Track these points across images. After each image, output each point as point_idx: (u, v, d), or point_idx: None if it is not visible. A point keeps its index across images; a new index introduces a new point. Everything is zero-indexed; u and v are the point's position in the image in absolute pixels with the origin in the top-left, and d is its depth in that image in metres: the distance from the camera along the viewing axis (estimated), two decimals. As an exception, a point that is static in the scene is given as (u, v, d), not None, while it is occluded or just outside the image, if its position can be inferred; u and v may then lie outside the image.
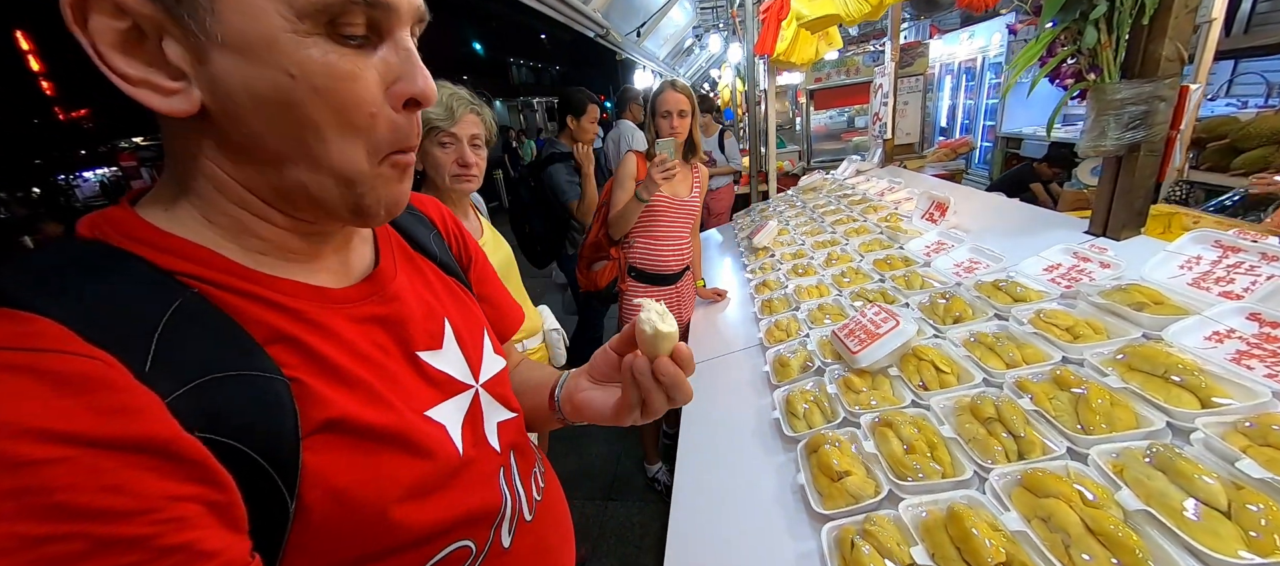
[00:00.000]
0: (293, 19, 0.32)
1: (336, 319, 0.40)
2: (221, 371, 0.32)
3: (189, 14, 0.31)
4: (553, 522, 0.59)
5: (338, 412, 0.37)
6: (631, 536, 2.00)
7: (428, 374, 0.46)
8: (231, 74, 0.32)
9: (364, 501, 0.37)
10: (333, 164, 0.36)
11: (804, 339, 1.38)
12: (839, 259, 1.81)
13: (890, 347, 1.10)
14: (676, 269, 1.87)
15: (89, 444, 0.26)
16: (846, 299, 1.50)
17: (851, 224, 2.08)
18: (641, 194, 1.65)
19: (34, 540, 0.24)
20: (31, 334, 0.28)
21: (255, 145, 0.35)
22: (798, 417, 1.09)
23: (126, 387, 0.28)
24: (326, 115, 0.34)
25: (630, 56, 5.53)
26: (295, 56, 0.32)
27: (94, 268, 0.32)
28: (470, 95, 1.13)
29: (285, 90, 0.33)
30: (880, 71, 2.83)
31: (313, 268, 0.42)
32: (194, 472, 0.29)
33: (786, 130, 5.76)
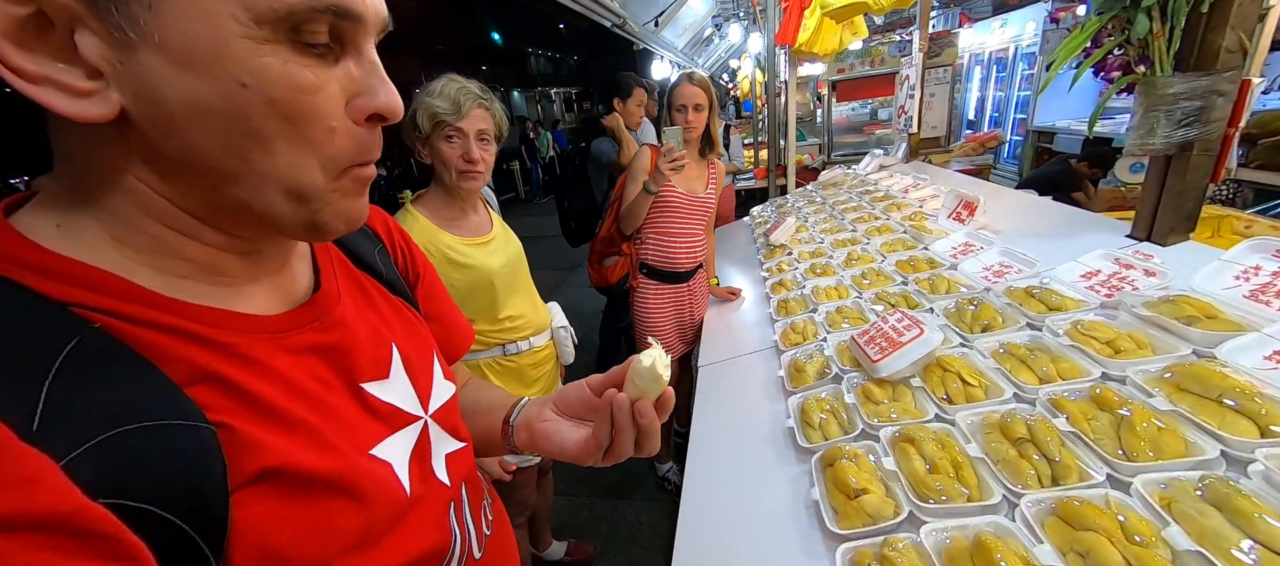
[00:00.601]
0: (249, 24, 0.28)
1: (271, 351, 0.36)
2: (132, 422, 0.27)
3: (117, 6, 0.26)
4: (501, 558, 0.56)
5: (274, 461, 0.32)
6: (641, 535, 1.99)
7: (373, 407, 0.42)
8: (166, 79, 0.28)
9: (303, 559, 0.33)
10: (283, 179, 0.32)
11: (821, 343, 1.33)
12: (860, 259, 1.75)
13: (913, 357, 1.04)
14: (688, 267, 1.82)
15: None
16: (867, 302, 1.44)
17: (874, 222, 2.01)
18: (650, 185, 1.61)
19: None
20: None
21: (190, 158, 0.31)
22: (813, 427, 1.04)
23: (12, 453, 0.23)
24: (279, 127, 0.31)
25: (648, 46, 5.45)
26: (249, 64, 0.29)
27: None
28: (480, 89, 1.10)
29: (235, 100, 0.29)
30: (907, 62, 2.72)
31: (244, 292, 0.37)
32: (103, 549, 0.24)
33: (807, 123, 5.63)
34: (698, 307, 1.90)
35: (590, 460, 0.50)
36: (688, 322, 1.89)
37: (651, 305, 1.84)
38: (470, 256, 1.15)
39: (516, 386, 1.29)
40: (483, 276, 1.16)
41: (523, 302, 1.28)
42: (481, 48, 24.64)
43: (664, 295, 1.83)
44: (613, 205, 1.85)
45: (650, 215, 1.72)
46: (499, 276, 1.19)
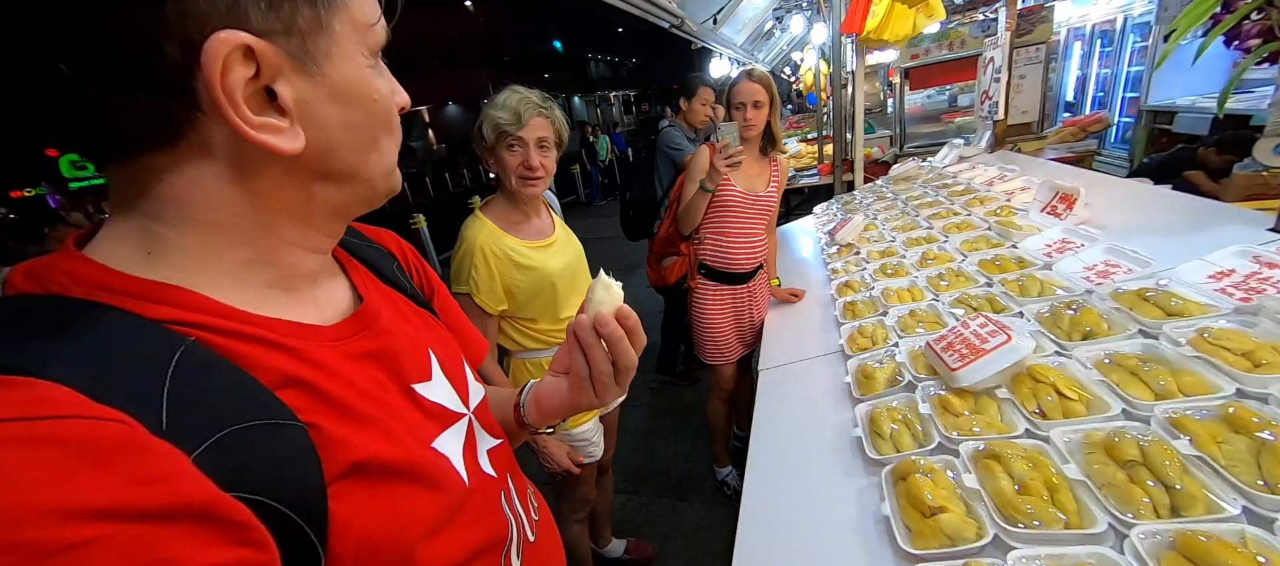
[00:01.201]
0: (369, 57, 0.38)
1: (335, 357, 0.39)
2: (239, 423, 0.30)
3: (312, 63, 0.34)
4: (551, 544, 0.59)
5: (360, 455, 0.35)
6: (700, 538, 1.97)
7: (424, 406, 0.45)
8: (329, 110, 0.36)
9: (389, 545, 0.36)
10: (385, 162, 0.41)
11: (892, 348, 1.25)
12: (936, 258, 1.63)
13: (998, 366, 0.95)
14: (748, 267, 1.78)
15: (129, 517, 0.23)
16: (945, 305, 1.34)
17: (952, 218, 1.86)
18: (706, 184, 1.58)
19: None
20: (39, 401, 0.25)
21: (336, 168, 0.38)
22: (883, 438, 0.99)
23: (156, 451, 0.26)
24: (386, 125, 0.40)
25: (707, 44, 5.40)
26: (372, 86, 0.38)
27: (74, 321, 0.29)
28: (540, 98, 1.14)
29: (371, 114, 0.39)
30: (991, 43, 2.50)
31: (303, 306, 0.41)
32: (240, 536, 0.27)
33: (876, 114, 5.33)
34: (758, 309, 1.85)
35: (585, 398, 0.53)
36: (748, 325, 1.85)
37: (710, 306, 1.81)
38: (533, 259, 1.19)
39: (577, 385, 1.33)
40: (544, 278, 1.20)
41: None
42: (544, 56, 25.54)
43: (723, 296, 1.80)
44: (671, 204, 1.84)
45: (708, 214, 1.70)
46: (560, 277, 1.22)
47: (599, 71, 29.84)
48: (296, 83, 0.34)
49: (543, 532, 0.58)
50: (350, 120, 0.37)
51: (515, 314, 1.22)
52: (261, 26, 0.31)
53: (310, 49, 0.34)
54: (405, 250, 0.62)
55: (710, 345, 1.86)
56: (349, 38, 0.36)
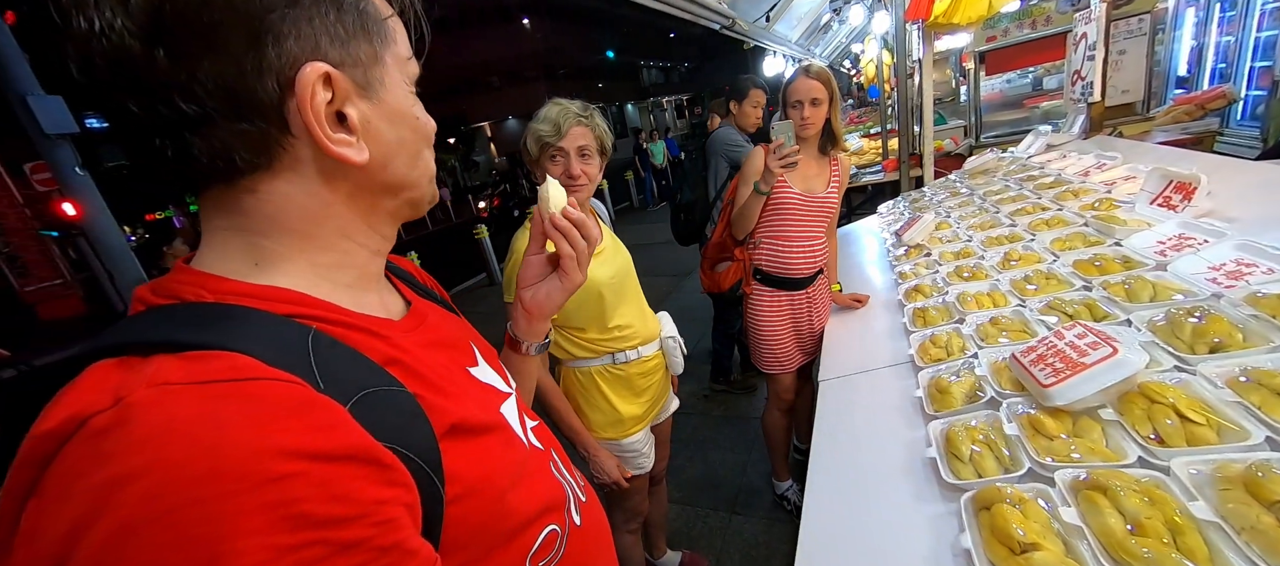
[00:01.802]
0: (409, 85, 0.45)
1: (411, 343, 0.45)
2: (368, 388, 0.36)
3: (370, 93, 0.41)
4: (598, 505, 0.64)
5: (456, 417, 0.41)
6: (758, 554, 1.89)
7: (481, 385, 0.52)
8: (383, 129, 0.42)
9: (487, 491, 0.42)
10: (429, 169, 0.47)
11: (970, 360, 1.14)
12: (1022, 259, 1.47)
13: (1101, 383, 0.84)
14: (807, 272, 1.69)
15: (315, 457, 0.29)
16: (1033, 312, 1.20)
17: (1040, 214, 1.68)
18: (760, 186, 1.52)
19: (286, 549, 0.27)
20: (237, 367, 0.31)
21: (390, 179, 0.44)
22: (962, 461, 0.89)
23: (325, 405, 0.31)
24: (427, 140, 0.46)
25: (760, 43, 5.27)
26: (415, 109, 0.45)
27: (228, 317, 0.35)
28: (580, 108, 1.15)
29: (417, 132, 0.45)
30: (1083, 17, 2.25)
31: (370, 302, 0.47)
32: (392, 477, 0.32)
33: (947, 103, 4.96)
34: (818, 316, 1.76)
35: (577, 276, 0.62)
36: (807, 332, 1.76)
37: (766, 313, 1.74)
38: (582, 268, 1.19)
39: (626, 395, 1.31)
40: (592, 287, 1.19)
41: (631, 312, 1.30)
42: (597, 67, 26.10)
43: (780, 303, 1.73)
44: (725, 207, 1.79)
45: (764, 218, 1.64)
46: (607, 286, 1.22)
47: (651, 78, 30.10)
48: (361, 105, 0.40)
49: (591, 497, 0.62)
50: (401, 136, 0.43)
51: (564, 323, 1.23)
52: (336, 59, 0.38)
53: (370, 77, 0.40)
54: (427, 277, 0.69)
55: (768, 354, 1.79)
56: (396, 68, 0.43)
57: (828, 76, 1.54)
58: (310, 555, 0.27)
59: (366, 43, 0.40)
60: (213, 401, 0.28)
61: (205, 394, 0.29)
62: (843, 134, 1.64)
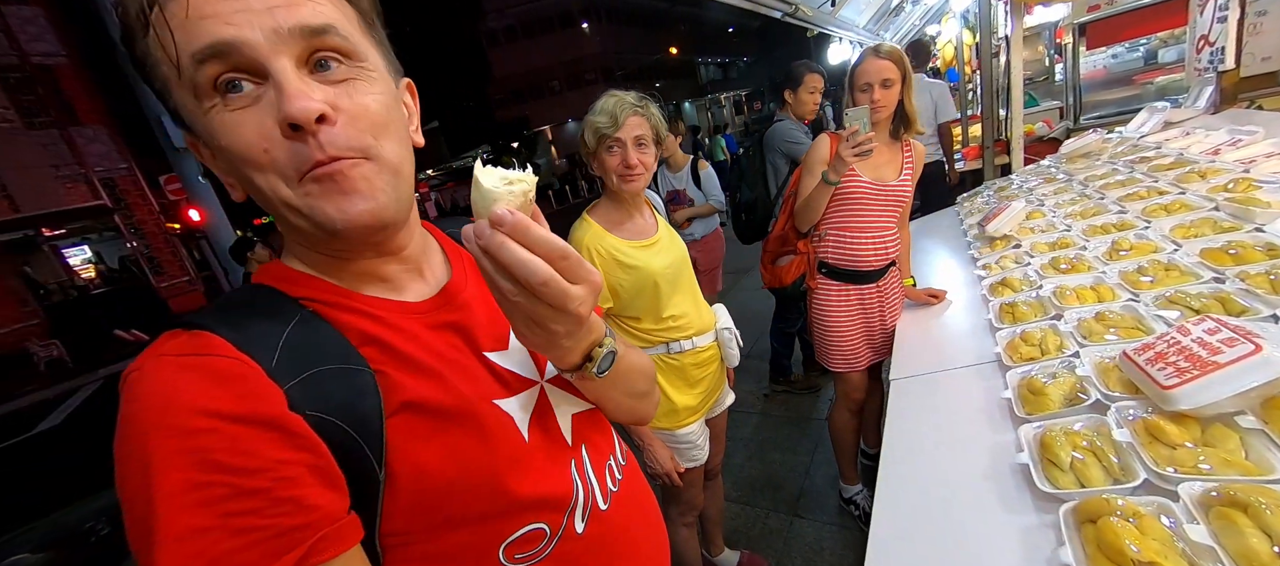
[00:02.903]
0: (197, 102, 0.39)
1: (417, 326, 0.48)
2: (326, 365, 0.41)
3: (198, 134, 0.41)
4: (634, 512, 0.60)
5: (410, 396, 0.44)
6: (821, 560, 1.81)
7: (496, 371, 0.52)
8: (213, 161, 0.42)
9: (441, 472, 0.44)
10: (273, 201, 0.41)
11: (1070, 359, 1.02)
12: (1134, 248, 1.30)
13: (1239, 386, 0.72)
14: (877, 265, 1.59)
15: (230, 419, 0.35)
16: (1149, 306, 1.06)
17: (1157, 199, 1.48)
18: (830, 175, 1.44)
19: (197, 484, 0.34)
20: (202, 346, 0.38)
21: (268, 206, 0.42)
22: (1061, 468, 0.80)
23: (255, 380, 0.38)
24: (241, 165, 0.40)
25: (825, 30, 5.04)
26: (208, 127, 0.39)
27: (248, 302, 0.45)
28: (635, 98, 1.15)
29: (221, 155, 0.41)
30: (1213, -26, 1.95)
31: (394, 286, 0.50)
32: (297, 442, 0.37)
33: (1039, 84, 4.50)
34: (890, 312, 1.65)
35: (523, 335, 0.44)
36: (877, 329, 1.66)
37: (833, 309, 1.65)
38: (636, 258, 1.19)
39: (680, 385, 1.30)
40: (647, 277, 1.19)
41: (686, 302, 1.28)
42: (655, 66, 26.15)
43: (848, 297, 1.63)
44: (787, 201, 1.72)
45: (831, 208, 1.56)
46: (662, 277, 1.21)
47: (710, 75, 29.80)
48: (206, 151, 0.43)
49: (622, 502, 0.58)
50: (221, 166, 0.42)
51: (619, 313, 1.23)
52: (179, 120, 0.41)
53: (185, 121, 0.41)
54: None
55: (834, 352, 1.69)
56: (182, 99, 0.39)
57: (899, 55, 1.43)
58: (215, 494, 0.34)
59: (167, 100, 0.41)
60: (176, 370, 0.36)
61: (176, 364, 0.37)
62: (917, 117, 1.51)
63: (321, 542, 0.36)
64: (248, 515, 0.34)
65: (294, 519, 0.35)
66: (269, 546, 0.34)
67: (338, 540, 0.37)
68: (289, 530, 0.35)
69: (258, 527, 0.34)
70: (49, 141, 10.22)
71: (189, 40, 0.36)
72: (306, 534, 0.35)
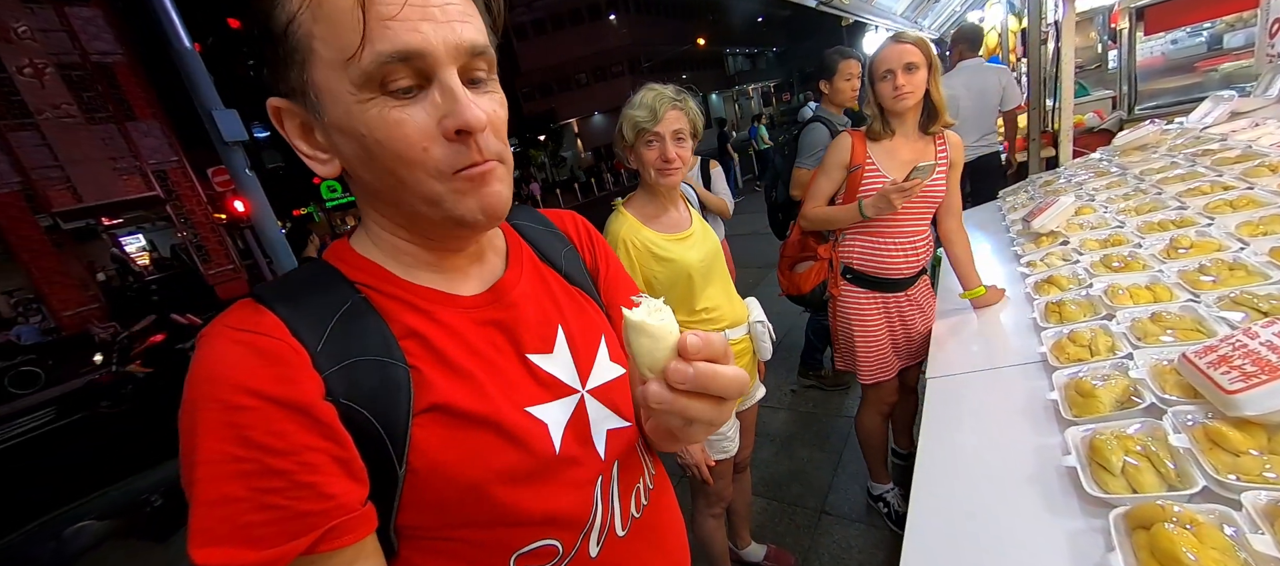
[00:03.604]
0: (355, 91, 0.40)
1: (463, 321, 0.49)
2: (365, 356, 0.43)
3: (314, 112, 0.42)
4: (653, 541, 0.58)
5: (440, 398, 0.44)
6: (849, 558, 1.79)
7: (536, 374, 0.51)
8: (340, 142, 0.43)
9: (461, 476, 0.45)
10: (414, 193, 0.43)
11: (1122, 360, 0.98)
12: (1194, 246, 1.23)
13: (1316, 391, 0.68)
14: (908, 273, 1.51)
15: (266, 399, 0.38)
16: (1209, 307, 1.01)
17: (1222, 194, 1.40)
18: (867, 209, 1.38)
19: (234, 457, 0.36)
20: (259, 323, 0.41)
21: (371, 189, 0.46)
22: (1111, 473, 0.77)
23: (298, 364, 0.40)
24: (392, 159, 0.41)
25: (859, 18, 4.89)
26: (365, 120, 0.40)
27: (312, 281, 0.47)
28: (674, 92, 1.15)
29: (365, 146, 0.42)
30: (1291, -48, 1.82)
31: (453, 277, 0.51)
32: (323, 432, 0.39)
33: (1091, 73, 4.28)
34: (922, 318, 1.57)
35: (679, 444, 0.49)
36: (909, 336, 1.58)
37: (858, 317, 1.56)
38: (670, 250, 1.20)
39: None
40: (681, 269, 1.20)
41: (719, 295, 1.28)
42: (682, 57, 25.91)
43: (875, 306, 1.55)
44: (805, 201, 1.61)
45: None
46: (696, 269, 1.21)
47: (737, 66, 29.36)
48: (317, 125, 0.43)
49: (643, 530, 0.57)
50: (356, 152, 0.42)
51: (654, 305, 1.25)
52: (284, 91, 0.43)
53: (309, 100, 0.42)
54: (581, 232, 0.66)
55: (863, 363, 1.60)
56: (332, 81, 0.40)
57: (924, 43, 1.35)
58: (245, 467, 0.36)
59: (289, 69, 0.41)
60: (229, 344, 0.39)
61: (231, 337, 0.40)
62: (945, 107, 1.41)
63: (334, 531, 0.38)
64: (274, 493, 0.37)
65: (311, 505, 0.38)
66: (288, 526, 0.37)
67: (350, 530, 0.39)
68: (306, 515, 0.38)
69: (281, 507, 0.37)
70: (107, 135, 10.84)
71: (377, 39, 0.38)
72: (320, 521, 0.38)
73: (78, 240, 11.84)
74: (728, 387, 0.38)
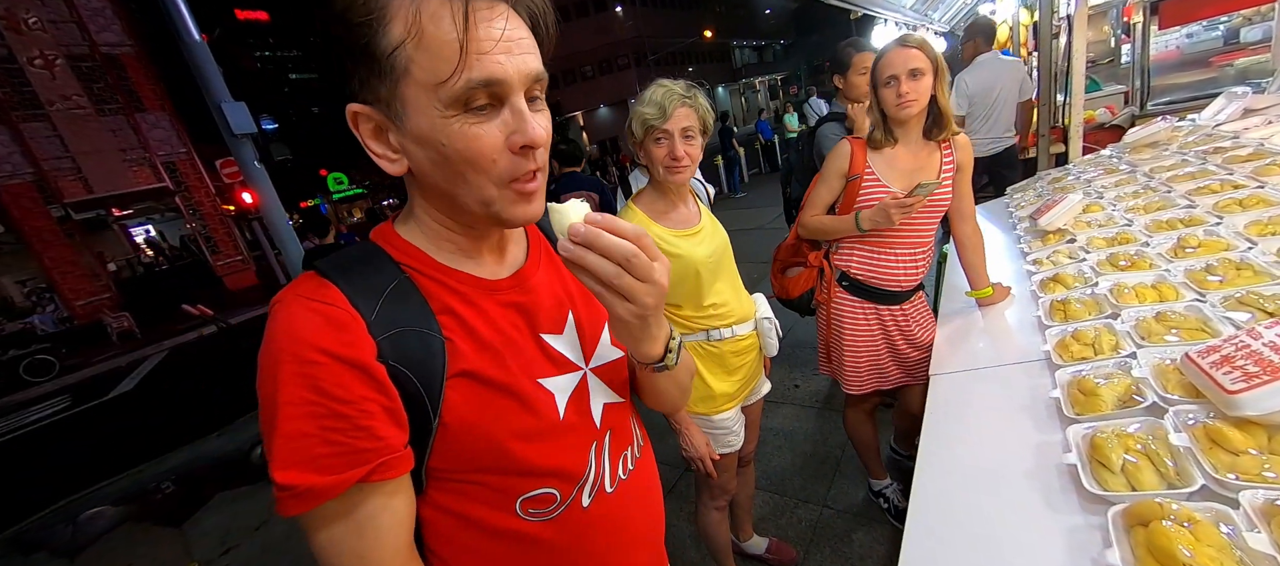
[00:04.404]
0: (441, 108, 0.47)
1: (488, 301, 0.57)
2: (408, 326, 0.51)
3: (396, 119, 0.49)
4: (635, 500, 0.67)
5: (468, 366, 0.52)
6: (849, 553, 1.81)
7: (548, 352, 0.59)
8: (416, 149, 0.50)
9: (483, 432, 0.53)
10: (474, 194, 0.51)
11: (1125, 359, 0.98)
12: (1202, 245, 1.23)
13: (1317, 392, 0.68)
14: (907, 285, 1.47)
15: (333, 357, 0.46)
16: (1214, 307, 1.01)
17: (1232, 193, 1.39)
18: (864, 222, 1.35)
19: (308, 401, 0.45)
20: (326, 294, 0.49)
21: (433, 187, 0.52)
22: (1111, 470, 0.78)
23: (357, 331, 0.48)
24: (464, 165, 0.49)
25: (868, 11, 4.85)
26: (447, 133, 0.47)
27: (365, 259, 0.54)
28: (684, 88, 1.15)
29: (442, 154, 0.49)
30: (1310, -55, 1.79)
31: (481, 262, 0.58)
32: (377, 386, 0.47)
33: (1103, 67, 4.22)
34: (921, 330, 1.53)
35: (619, 324, 0.53)
36: (907, 352, 1.54)
37: (851, 326, 1.52)
38: (679, 246, 1.21)
39: (718, 372, 1.32)
40: (690, 265, 1.21)
41: (727, 291, 1.29)
42: (687, 50, 25.71)
43: (869, 317, 1.51)
44: (803, 208, 1.58)
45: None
46: (704, 265, 1.22)
47: (744, 58, 29.10)
48: (393, 131, 0.50)
49: (627, 490, 0.65)
50: (431, 158, 0.49)
51: (661, 300, 1.26)
52: (364, 98, 0.49)
53: (393, 110, 0.48)
54: None
55: (848, 373, 1.57)
56: (421, 98, 0.47)
57: (928, 45, 1.30)
58: (318, 409, 0.45)
59: (382, 84, 0.47)
60: (304, 310, 0.47)
61: (305, 306, 0.47)
62: (953, 114, 1.36)
63: (382, 467, 0.47)
64: (337, 432, 0.45)
65: (367, 443, 0.46)
66: (348, 458, 0.46)
67: (395, 466, 0.48)
68: (362, 451, 0.46)
69: (342, 443, 0.46)
70: (117, 127, 10.94)
71: (470, 68, 0.46)
72: (372, 457, 0.47)
73: (89, 230, 11.98)
74: (610, 248, 0.46)
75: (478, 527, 0.56)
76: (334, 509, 0.47)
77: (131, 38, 11.11)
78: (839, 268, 1.53)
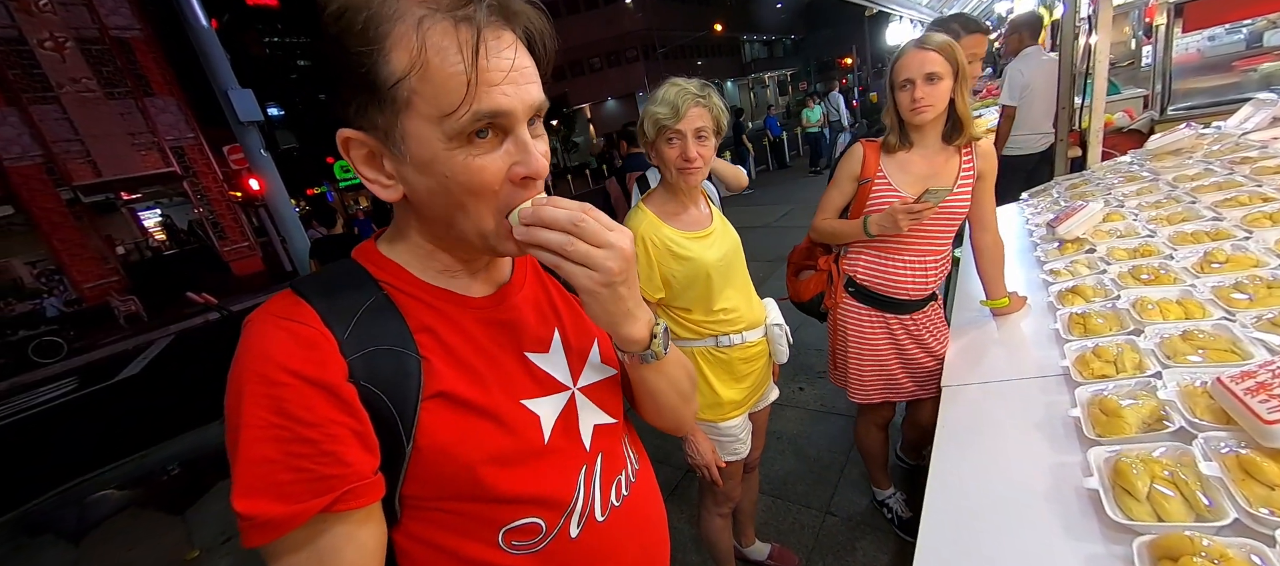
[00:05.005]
0: (445, 141, 0.46)
1: (470, 319, 0.55)
2: (383, 345, 0.49)
3: (394, 147, 0.47)
4: (631, 529, 0.63)
5: (446, 386, 0.50)
6: (852, 562, 1.79)
7: (532, 371, 0.58)
8: (413, 178, 0.48)
9: (458, 456, 0.51)
10: (472, 224, 0.50)
11: (1151, 380, 0.95)
12: (1230, 261, 1.19)
13: (1361, 425, 0.65)
14: (917, 295, 1.42)
15: (301, 378, 0.44)
16: (1246, 327, 0.97)
17: (1261, 206, 1.35)
18: (872, 227, 1.32)
19: (273, 424, 0.43)
20: (299, 313, 0.47)
21: (431, 214, 0.51)
22: (1136, 499, 0.75)
23: (328, 351, 0.46)
24: (465, 195, 0.48)
25: (883, 8, 4.77)
26: (449, 164, 0.46)
27: (344, 278, 0.53)
28: (697, 87, 1.11)
29: (443, 184, 0.47)
30: (1348, -52, 1.72)
31: (466, 281, 0.57)
32: (346, 409, 0.45)
33: (1123, 69, 4.14)
34: (933, 341, 1.49)
35: (585, 295, 0.51)
36: (917, 364, 1.50)
37: (857, 334, 1.48)
38: (689, 249, 1.18)
39: (727, 379, 1.29)
40: (700, 268, 1.18)
41: (737, 296, 1.26)
42: (697, 44, 25.51)
43: (875, 325, 1.48)
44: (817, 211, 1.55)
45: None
46: (715, 268, 1.19)
47: (754, 53, 28.87)
48: (389, 158, 0.48)
49: (621, 518, 0.62)
50: (429, 186, 0.48)
51: (670, 303, 1.23)
52: (358, 125, 0.48)
53: (392, 137, 0.47)
54: None
55: (854, 382, 1.54)
56: (423, 130, 0.45)
57: (951, 49, 1.23)
58: (281, 434, 0.42)
59: (381, 114, 0.46)
60: (274, 329, 0.46)
61: (275, 324, 0.46)
62: (972, 120, 1.31)
63: (348, 494, 0.45)
64: (302, 457, 0.43)
65: (332, 469, 0.44)
66: (312, 486, 0.43)
67: (362, 494, 0.46)
68: (327, 477, 0.44)
69: (307, 469, 0.43)
70: (126, 111, 10.97)
71: (477, 101, 0.45)
72: (337, 484, 0.44)
73: (97, 213, 12.05)
74: (555, 218, 0.47)
75: (457, 560, 0.53)
76: (294, 539, 0.44)
77: (141, 22, 11.11)
78: (846, 272, 1.49)
